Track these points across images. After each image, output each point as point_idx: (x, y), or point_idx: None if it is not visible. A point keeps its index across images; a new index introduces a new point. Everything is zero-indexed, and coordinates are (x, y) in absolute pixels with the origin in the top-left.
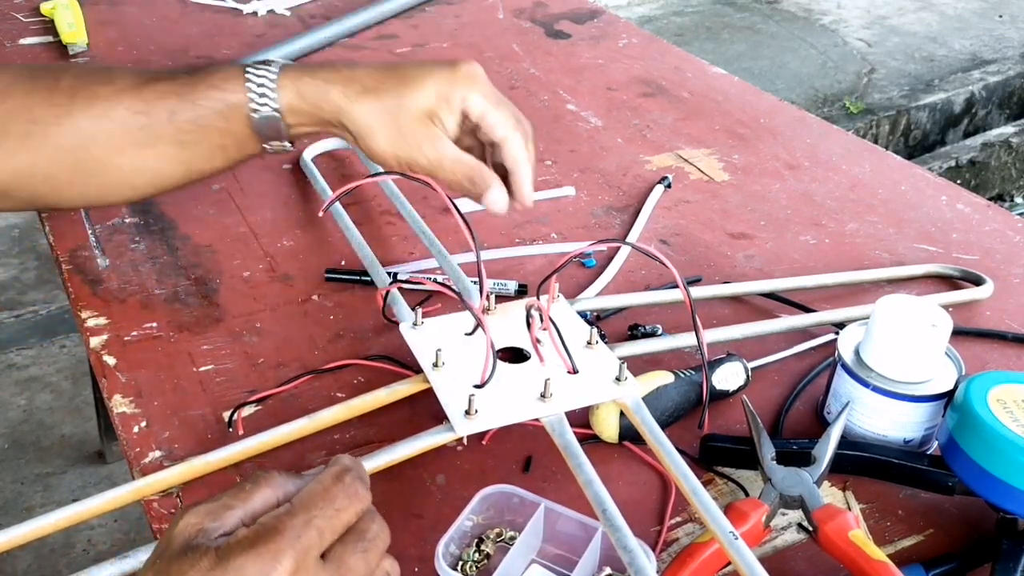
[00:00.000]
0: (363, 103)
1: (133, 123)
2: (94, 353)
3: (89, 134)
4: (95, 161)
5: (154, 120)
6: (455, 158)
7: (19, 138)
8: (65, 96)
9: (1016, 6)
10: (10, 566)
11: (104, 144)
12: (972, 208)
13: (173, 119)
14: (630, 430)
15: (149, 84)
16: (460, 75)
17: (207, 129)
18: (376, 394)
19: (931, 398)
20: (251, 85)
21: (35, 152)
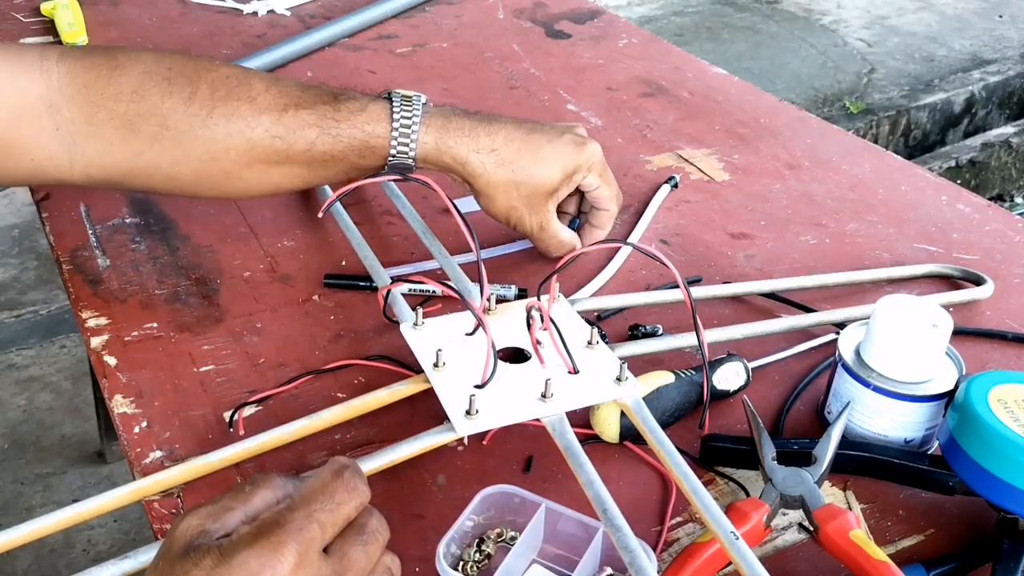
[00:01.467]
0: (496, 175)
1: (269, 145)
2: (95, 353)
3: (222, 147)
4: (222, 172)
5: (292, 146)
6: (554, 232)
7: (148, 140)
8: (203, 108)
9: (1016, 6)
10: (10, 566)
11: (235, 159)
12: (972, 208)
13: (311, 148)
14: (631, 430)
15: (290, 111)
16: (585, 157)
17: (341, 160)
18: (377, 394)
19: (932, 398)
20: (395, 133)
21: (162, 154)
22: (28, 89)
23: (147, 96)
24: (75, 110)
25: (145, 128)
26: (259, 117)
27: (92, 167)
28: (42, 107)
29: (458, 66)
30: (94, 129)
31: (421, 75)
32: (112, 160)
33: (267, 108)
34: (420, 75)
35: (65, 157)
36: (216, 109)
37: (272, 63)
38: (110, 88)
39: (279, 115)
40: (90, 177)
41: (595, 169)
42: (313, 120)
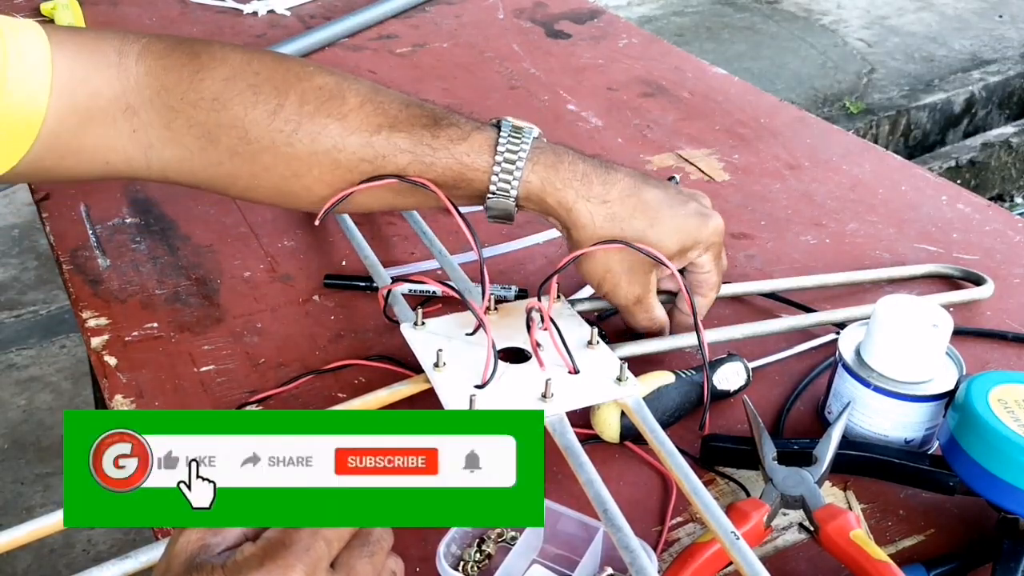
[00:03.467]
0: (603, 230)
1: (356, 167)
2: (95, 353)
3: (306, 165)
4: (303, 188)
5: (380, 170)
6: (649, 308)
7: (227, 151)
8: (288, 123)
9: (1016, 6)
10: (10, 566)
11: (318, 177)
12: (972, 208)
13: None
14: (631, 430)
15: (383, 132)
16: (707, 234)
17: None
18: (377, 394)
19: (932, 398)
20: (497, 168)
21: (241, 167)
22: (103, 91)
23: (229, 106)
24: (153, 114)
25: (225, 139)
26: (348, 138)
27: (169, 171)
28: (118, 109)
29: (458, 66)
30: (172, 135)
31: (421, 75)
32: (190, 167)
33: (358, 128)
34: (420, 75)
35: (142, 160)
36: (303, 126)
37: None
38: (191, 94)
39: (370, 137)
40: (168, 179)
41: (712, 250)
42: (407, 146)
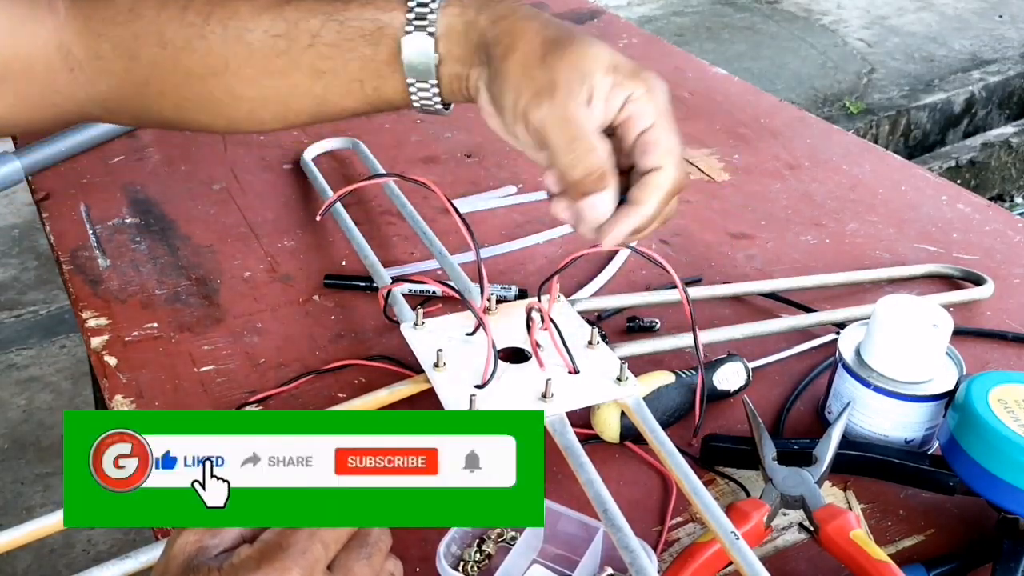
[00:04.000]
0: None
1: (270, 48)
2: (95, 353)
3: (222, 59)
4: (225, 90)
5: (293, 44)
6: (584, 136)
7: (149, 64)
8: (199, 15)
9: (1016, 6)
10: (10, 566)
11: (236, 72)
12: (972, 208)
13: (315, 42)
14: (631, 430)
15: (294, 2)
16: (645, 74)
17: (350, 55)
18: (377, 394)
19: (932, 398)
20: (412, 2)
21: (165, 78)
22: (38, 32)
23: (143, 11)
24: (82, 47)
25: (145, 51)
26: (259, 17)
27: (110, 105)
28: (53, 49)
29: None
30: (102, 64)
31: None
32: (123, 94)
33: (268, 5)
34: None
35: (85, 98)
36: (213, 15)
37: None
38: (109, 10)
39: (280, 9)
40: (112, 115)
41: (656, 97)
42: (320, 6)
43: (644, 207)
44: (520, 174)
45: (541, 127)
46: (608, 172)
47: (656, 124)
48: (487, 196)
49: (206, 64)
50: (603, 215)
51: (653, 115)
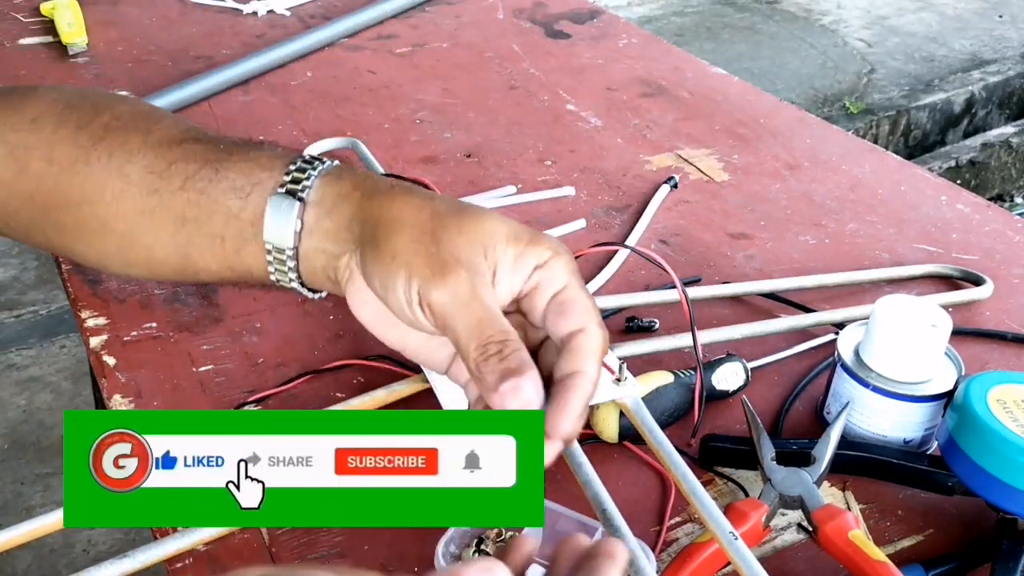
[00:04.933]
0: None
1: (146, 185)
2: (94, 353)
3: (99, 188)
4: (98, 221)
5: (166, 185)
6: (497, 314)
7: (36, 178)
8: (92, 138)
9: (1016, 6)
10: (10, 566)
11: (110, 204)
12: (972, 208)
13: (186, 187)
14: (630, 430)
15: (185, 144)
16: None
17: (216, 207)
18: (375, 394)
19: (931, 398)
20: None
21: (48, 197)
22: None
23: (44, 124)
24: None
25: (33, 164)
26: (144, 152)
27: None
28: None
29: (458, 66)
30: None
31: (421, 75)
32: (11, 206)
33: (159, 143)
34: (420, 75)
35: None
36: (104, 141)
37: (272, 63)
38: (13, 117)
39: (168, 148)
40: (8, 228)
41: (564, 259)
42: (206, 152)
43: (586, 374)
44: (519, 174)
45: (443, 311)
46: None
47: (569, 284)
48: (487, 196)
49: (84, 190)
50: (532, 399)
51: (565, 277)
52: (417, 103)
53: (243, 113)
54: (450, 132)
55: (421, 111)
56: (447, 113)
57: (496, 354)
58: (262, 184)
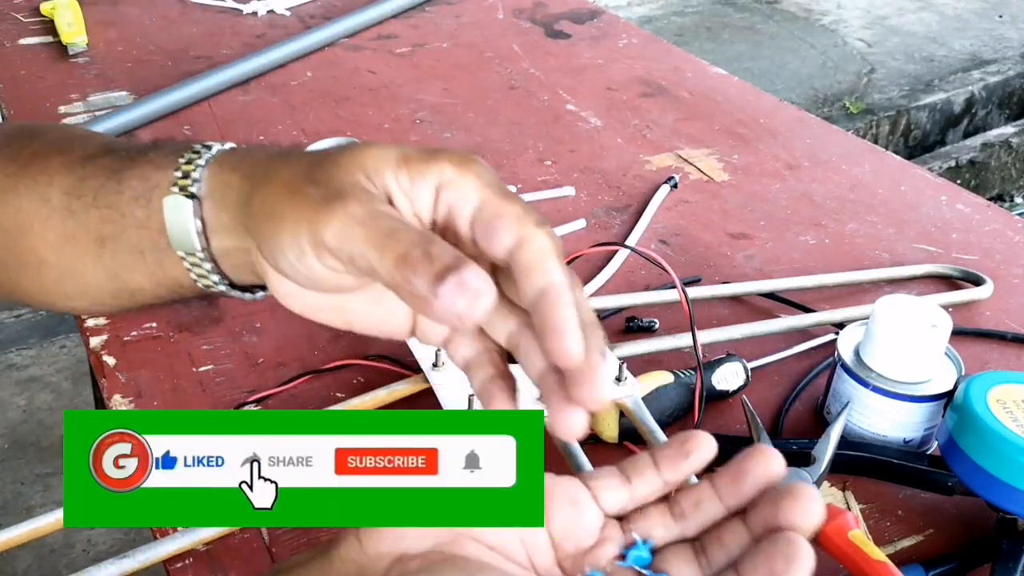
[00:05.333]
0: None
1: (64, 208)
2: (94, 353)
3: (28, 218)
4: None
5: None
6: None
7: None
8: (19, 167)
9: (1016, 6)
10: (10, 566)
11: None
12: (972, 208)
13: (96, 203)
14: (630, 430)
15: (97, 157)
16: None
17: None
18: (376, 394)
19: (931, 398)
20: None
21: None
22: None
23: None
24: None
25: None
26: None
27: None
28: None
29: (458, 66)
30: None
31: (421, 75)
32: None
33: (75, 161)
34: (420, 75)
35: None
36: (29, 167)
37: (272, 63)
38: None
39: (81, 165)
40: None
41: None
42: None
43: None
44: (519, 174)
45: (340, 243)
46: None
47: (485, 199)
48: None
49: (17, 221)
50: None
51: (476, 192)
52: (417, 103)
53: (243, 113)
54: (450, 132)
55: (421, 111)
56: (447, 113)
57: (422, 256)
58: (159, 187)
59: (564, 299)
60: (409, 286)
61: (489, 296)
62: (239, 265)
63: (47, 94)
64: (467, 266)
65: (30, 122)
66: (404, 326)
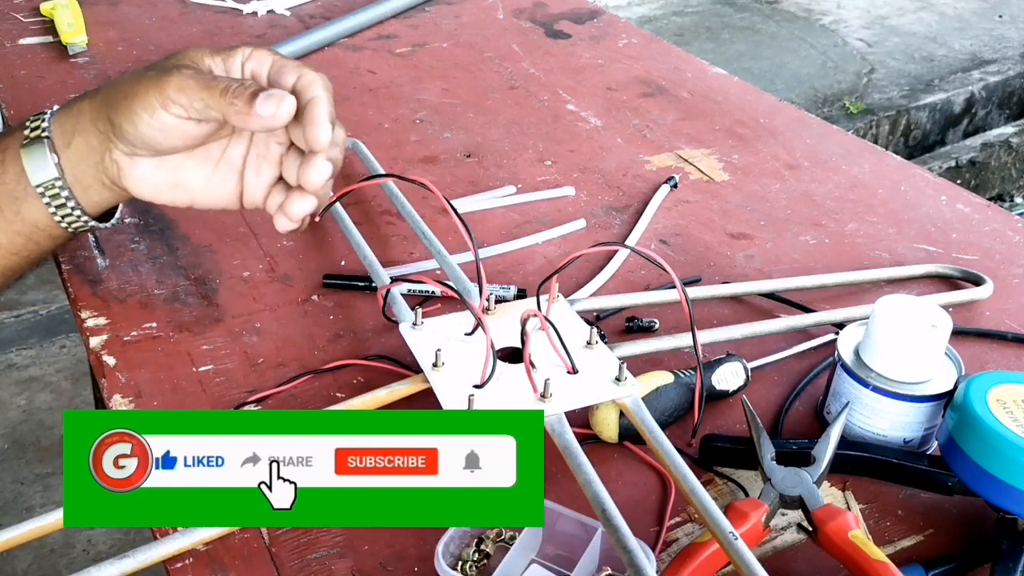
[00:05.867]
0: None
1: None
2: (94, 353)
3: None
4: None
5: None
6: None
7: None
8: None
9: (1016, 6)
10: (10, 566)
11: None
12: (972, 208)
13: None
14: (630, 430)
15: None
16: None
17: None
18: (375, 394)
19: (931, 398)
20: (29, 122)
21: None
22: None
23: None
24: None
25: None
26: None
27: None
28: None
29: (458, 66)
30: None
31: (421, 75)
32: None
33: None
34: (420, 75)
35: None
36: None
37: None
38: None
39: None
40: None
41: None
42: None
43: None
44: (519, 174)
45: (181, 92)
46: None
47: (275, 59)
48: (486, 196)
49: None
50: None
51: (268, 57)
52: (417, 103)
53: None
54: (450, 132)
55: (421, 111)
56: (447, 113)
57: (238, 86)
58: (11, 148)
59: (323, 105)
60: (235, 107)
61: (289, 100)
62: (92, 185)
63: (47, 94)
64: (271, 89)
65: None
66: (234, 195)
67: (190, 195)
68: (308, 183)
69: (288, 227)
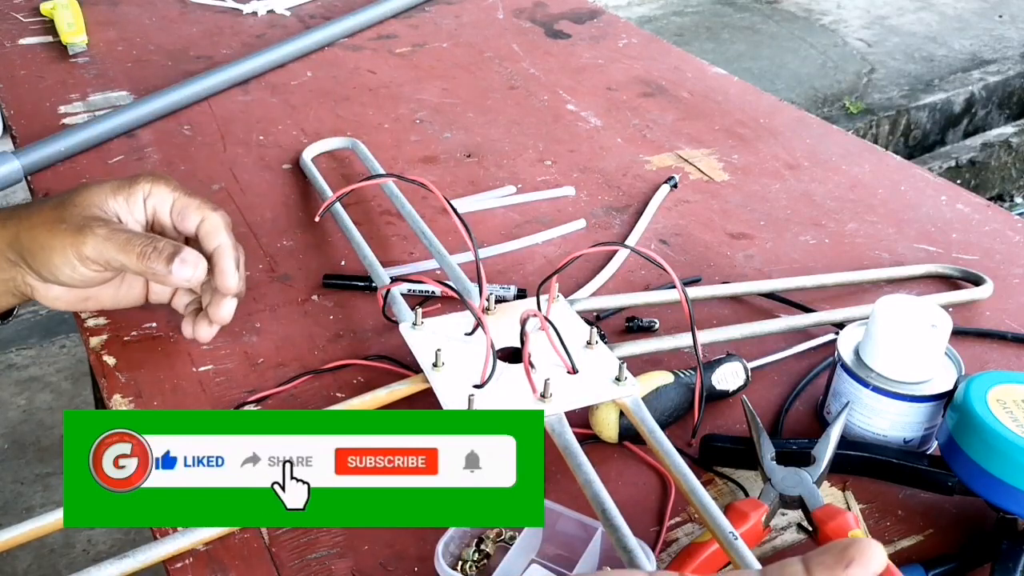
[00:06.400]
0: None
1: None
2: (94, 353)
3: None
4: None
5: None
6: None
7: None
8: None
9: (1016, 6)
10: (10, 566)
11: None
12: (972, 208)
13: None
14: (630, 430)
15: None
16: (141, 178)
17: None
18: (376, 394)
19: (931, 398)
20: None
21: None
22: None
23: None
24: None
25: None
26: None
27: None
28: None
29: (458, 66)
30: None
31: (420, 75)
32: None
33: None
34: (419, 75)
35: None
36: None
37: (272, 63)
38: None
39: None
40: None
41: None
42: None
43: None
44: (519, 174)
45: (98, 255)
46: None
47: (176, 198)
48: (486, 196)
49: None
50: (196, 261)
51: (169, 195)
52: (417, 103)
53: (243, 113)
54: (450, 132)
55: (421, 111)
56: (447, 113)
57: (153, 251)
58: None
59: (228, 254)
60: (152, 271)
61: (203, 263)
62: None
63: (47, 94)
64: (183, 249)
65: None
66: (141, 297)
67: (100, 304)
68: (218, 320)
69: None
